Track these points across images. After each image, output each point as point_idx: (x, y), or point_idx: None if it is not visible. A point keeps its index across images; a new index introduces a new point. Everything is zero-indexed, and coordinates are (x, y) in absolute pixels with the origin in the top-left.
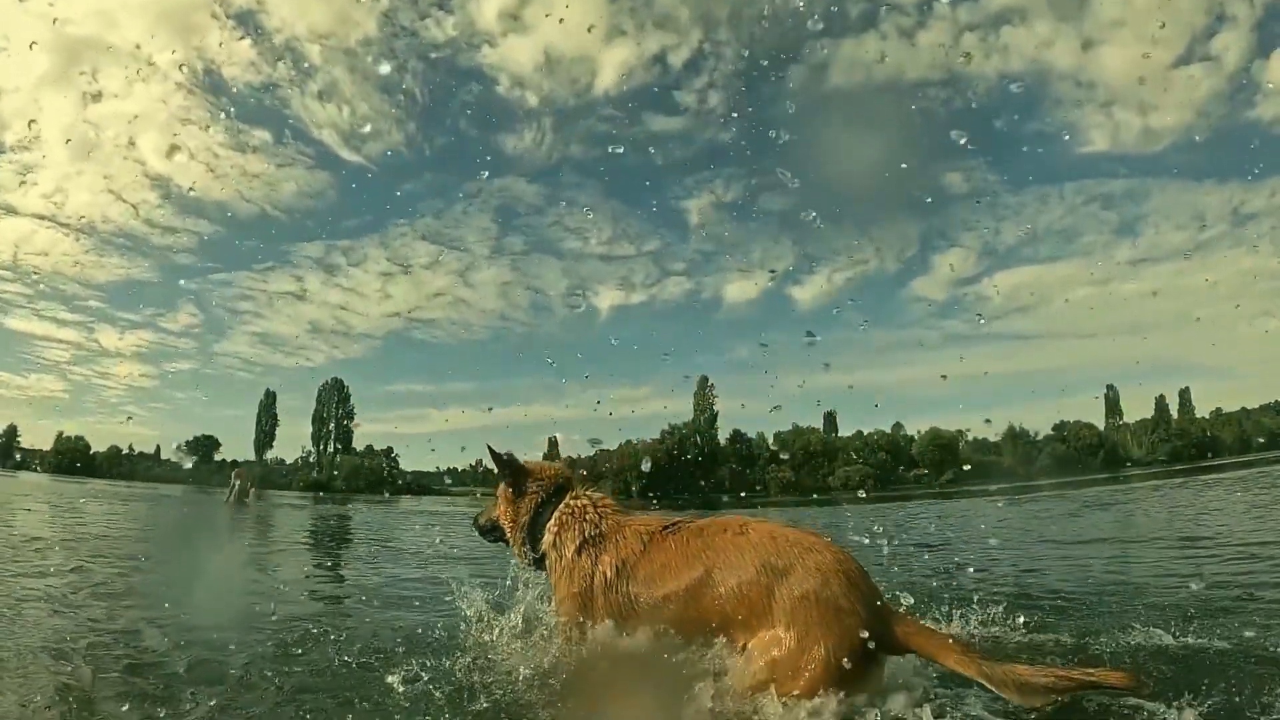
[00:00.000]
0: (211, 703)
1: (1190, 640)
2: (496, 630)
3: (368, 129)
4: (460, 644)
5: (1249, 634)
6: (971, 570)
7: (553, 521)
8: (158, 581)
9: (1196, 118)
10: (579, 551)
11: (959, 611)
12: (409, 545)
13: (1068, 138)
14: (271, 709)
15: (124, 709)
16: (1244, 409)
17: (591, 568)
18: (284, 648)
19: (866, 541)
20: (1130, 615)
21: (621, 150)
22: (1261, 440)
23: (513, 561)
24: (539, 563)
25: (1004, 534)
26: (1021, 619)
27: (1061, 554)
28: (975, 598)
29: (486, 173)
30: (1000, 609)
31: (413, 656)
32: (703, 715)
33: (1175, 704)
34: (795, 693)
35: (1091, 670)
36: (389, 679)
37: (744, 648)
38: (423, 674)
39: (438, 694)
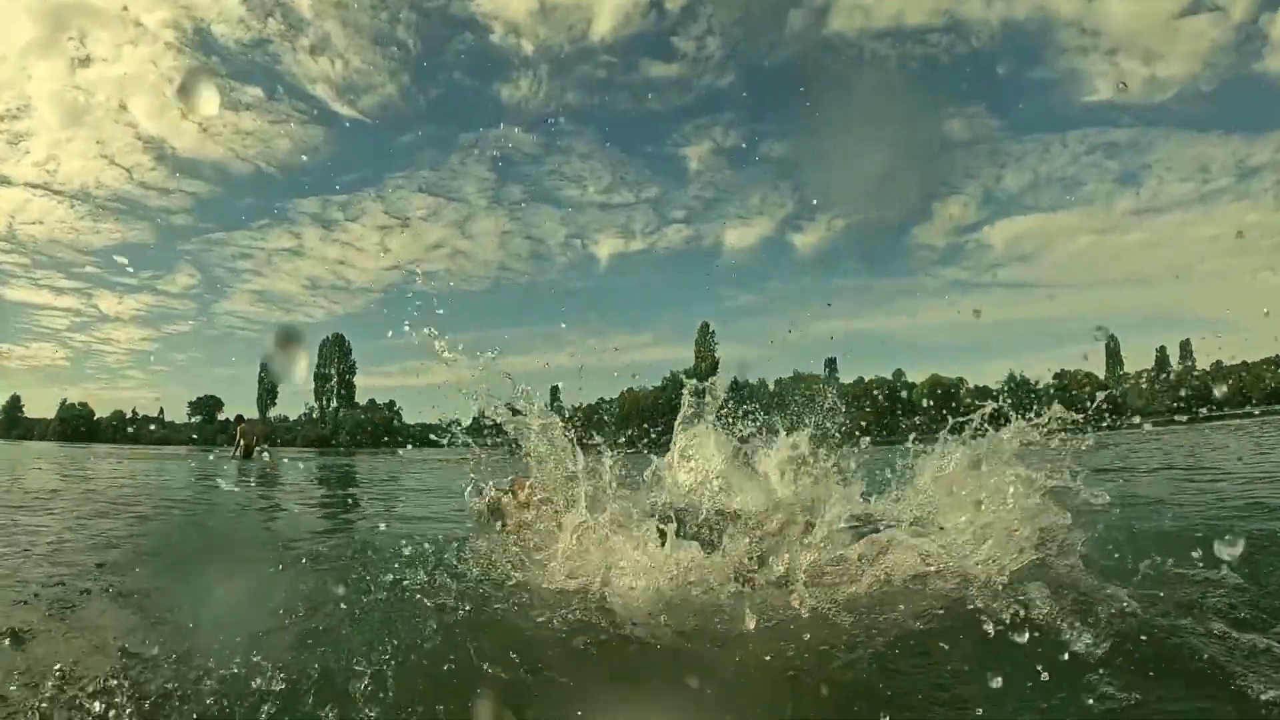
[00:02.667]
0: (278, 606)
1: (1213, 534)
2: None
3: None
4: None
5: (1266, 529)
6: None
7: None
8: (188, 516)
9: (1203, 68)
10: None
11: None
12: (418, 485)
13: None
14: (318, 610)
15: (201, 604)
16: (1244, 362)
17: None
18: (319, 558)
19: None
20: (1153, 520)
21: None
22: (1261, 394)
23: None
24: None
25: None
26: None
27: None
28: None
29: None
30: None
31: (429, 558)
32: None
33: (1215, 570)
34: None
35: None
36: (408, 575)
37: None
38: (439, 573)
39: (453, 584)
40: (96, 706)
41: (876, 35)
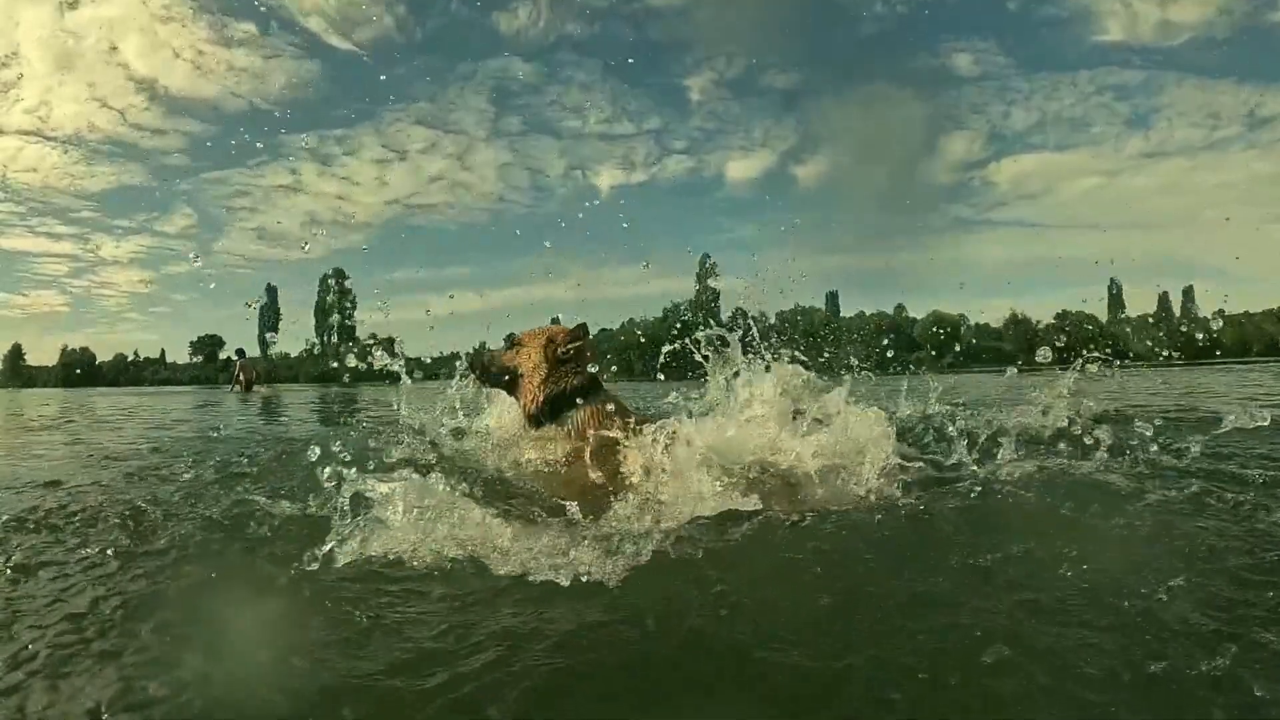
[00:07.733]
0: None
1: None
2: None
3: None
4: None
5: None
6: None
7: (585, 413)
8: (201, 430)
9: (1218, 14)
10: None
11: None
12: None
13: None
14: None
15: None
16: (1246, 312)
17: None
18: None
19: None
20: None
21: None
22: (1262, 344)
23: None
24: (537, 421)
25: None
26: None
27: None
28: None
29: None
30: None
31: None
32: None
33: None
34: None
35: None
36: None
37: None
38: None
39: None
40: None
41: None
